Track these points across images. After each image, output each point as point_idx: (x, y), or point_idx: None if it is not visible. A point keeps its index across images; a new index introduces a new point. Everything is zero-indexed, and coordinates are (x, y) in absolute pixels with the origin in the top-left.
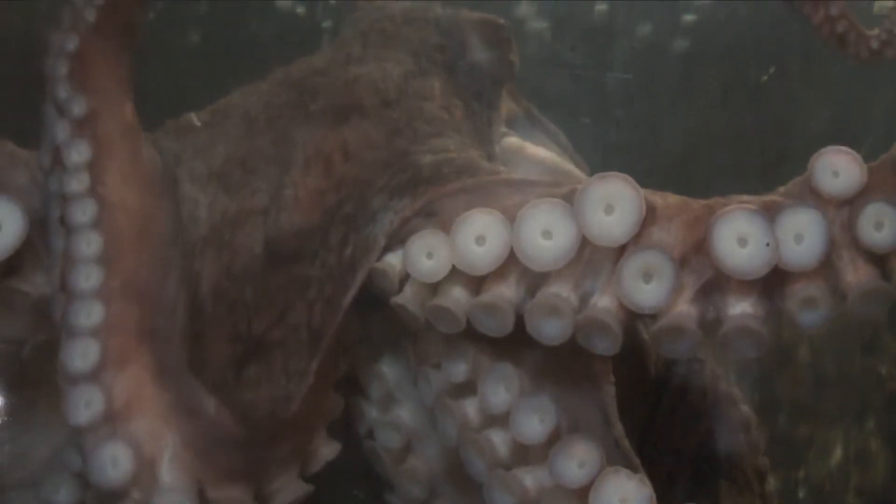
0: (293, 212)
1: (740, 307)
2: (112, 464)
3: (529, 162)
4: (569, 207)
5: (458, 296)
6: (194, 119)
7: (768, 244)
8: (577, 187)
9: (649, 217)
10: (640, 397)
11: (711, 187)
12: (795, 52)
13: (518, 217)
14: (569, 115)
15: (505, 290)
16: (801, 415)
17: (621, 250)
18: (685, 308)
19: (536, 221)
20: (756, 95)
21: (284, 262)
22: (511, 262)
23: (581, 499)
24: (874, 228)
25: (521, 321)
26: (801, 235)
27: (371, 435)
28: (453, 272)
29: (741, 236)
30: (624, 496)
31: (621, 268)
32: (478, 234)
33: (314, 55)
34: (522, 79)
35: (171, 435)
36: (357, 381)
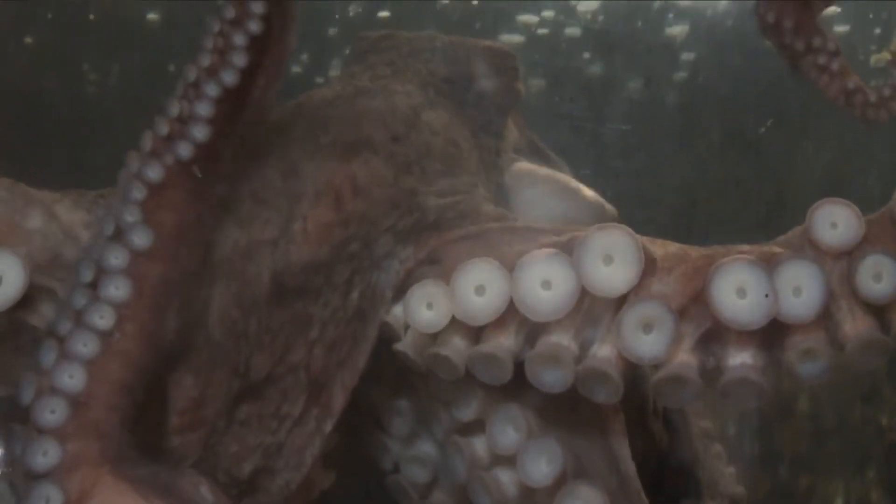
0: (302, 244)
1: (740, 358)
2: None
3: (541, 183)
4: (568, 258)
5: (458, 344)
6: None
7: (767, 295)
8: (578, 235)
9: (649, 268)
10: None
11: (711, 236)
12: (793, 104)
13: (518, 267)
14: (568, 166)
15: (504, 340)
16: (802, 466)
17: (621, 300)
18: (685, 358)
19: (536, 272)
20: (754, 146)
21: (290, 297)
22: (511, 312)
23: None
24: (873, 280)
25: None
26: (800, 288)
27: (396, 469)
28: (453, 321)
29: (740, 287)
30: None
31: (621, 319)
32: (477, 285)
33: (323, 87)
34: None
35: None
36: (377, 417)
